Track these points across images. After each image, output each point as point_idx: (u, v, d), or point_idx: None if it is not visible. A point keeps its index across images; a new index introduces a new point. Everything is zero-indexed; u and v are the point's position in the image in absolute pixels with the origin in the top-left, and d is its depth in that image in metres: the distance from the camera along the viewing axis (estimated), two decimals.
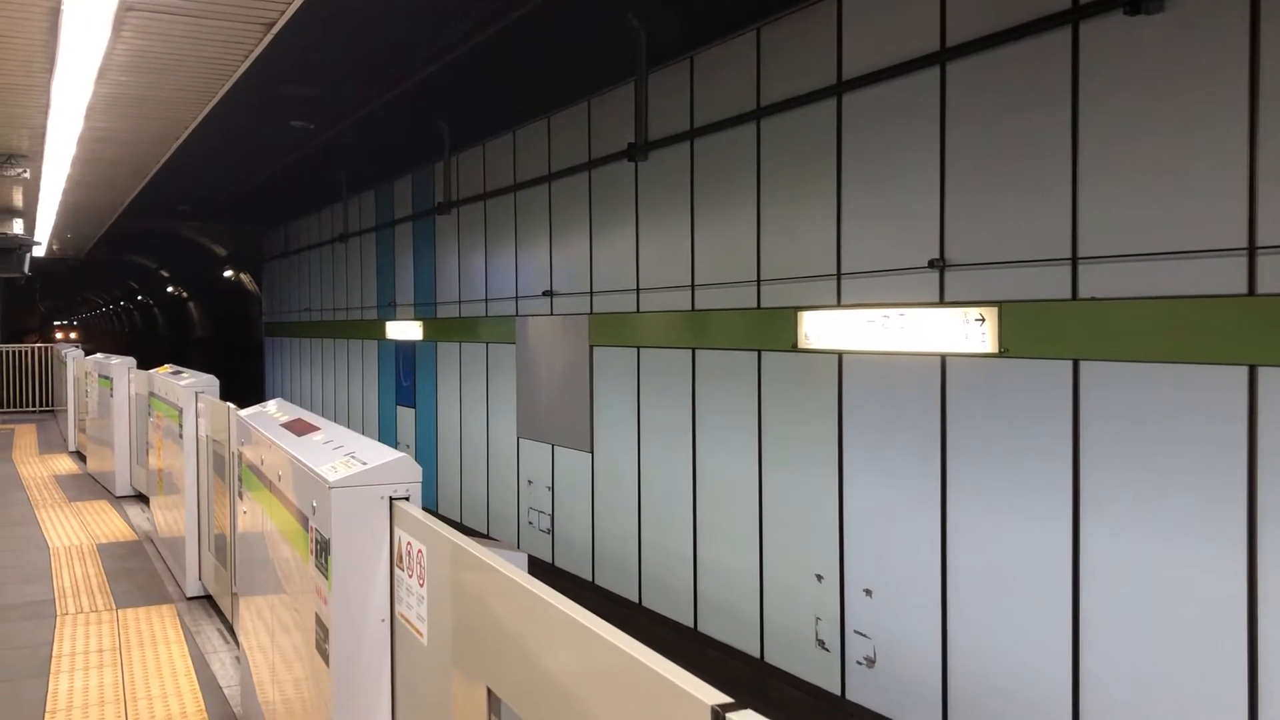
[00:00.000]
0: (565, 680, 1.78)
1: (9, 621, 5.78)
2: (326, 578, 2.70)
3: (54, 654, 5.19)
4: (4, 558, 7.30)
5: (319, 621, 2.79)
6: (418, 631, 2.50)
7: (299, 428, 3.52)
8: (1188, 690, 5.43)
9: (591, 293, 11.01)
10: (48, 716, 4.37)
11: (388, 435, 17.23)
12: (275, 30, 5.90)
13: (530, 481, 12.33)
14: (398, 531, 2.66)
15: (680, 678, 1.41)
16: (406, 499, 2.71)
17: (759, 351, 8.45)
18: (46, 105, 7.47)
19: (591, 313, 10.97)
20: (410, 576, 2.55)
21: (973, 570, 6.64)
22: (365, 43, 9.58)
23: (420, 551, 2.48)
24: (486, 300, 13.59)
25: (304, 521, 2.94)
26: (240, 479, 4.31)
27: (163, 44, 6.15)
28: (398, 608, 2.66)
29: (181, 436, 6.39)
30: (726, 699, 1.32)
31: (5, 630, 5.62)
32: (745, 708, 1.28)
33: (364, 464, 2.74)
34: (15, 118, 8.00)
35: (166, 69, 6.71)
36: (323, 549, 2.73)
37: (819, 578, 7.83)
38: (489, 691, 2.09)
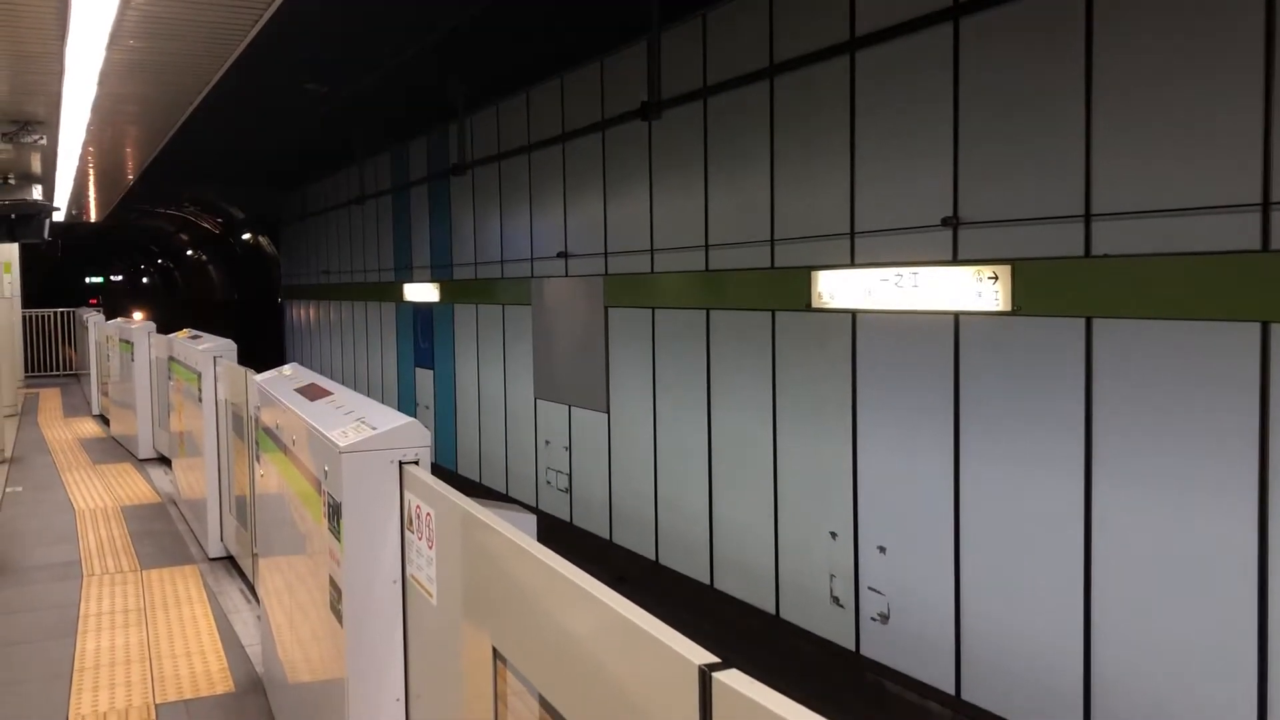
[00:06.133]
0: (564, 640, 1.83)
1: (38, 582, 5.92)
2: (339, 540, 2.76)
3: (81, 614, 5.31)
4: (32, 520, 7.45)
5: (332, 583, 2.85)
6: (428, 592, 2.56)
7: (312, 392, 3.57)
8: (1199, 643, 5.47)
9: (606, 254, 11.01)
10: (76, 674, 4.49)
11: (406, 397, 17.36)
12: None
13: (548, 442, 12.42)
14: (407, 495, 2.71)
15: (671, 638, 1.45)
16: (416, 463, 2.76)
17: (773, 311, 8.46)
18: (61, 72, 7.48)
19: (606, 274, 10.98)
20: (420, 539, 2.60)
21: (985, 527, 6.67)
22: (377, 3, 9.53)
23: (429, 515, 2.53)
24: (502, 262, 13.62)
25: (317, 485, 3.00)
26: (257, 442, 4.38)
27: (173, 8, 6.14)
28: (409, 569, 2.72)
29: (201, 400, 6.48)
30: (714, 658, 1.36)
31: (34, 591, 5.75)
32: (731, 667, 1.32)
33: (374, 429, 2.78)
34: (31, 85, 8.01)
35: (177, 34, 6.70)
36: (335, 513, 2.78)
37: (833, 535, 7.89)
38: (494, 649, 2.14)
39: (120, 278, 55.43)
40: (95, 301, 43.03)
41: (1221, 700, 5.38)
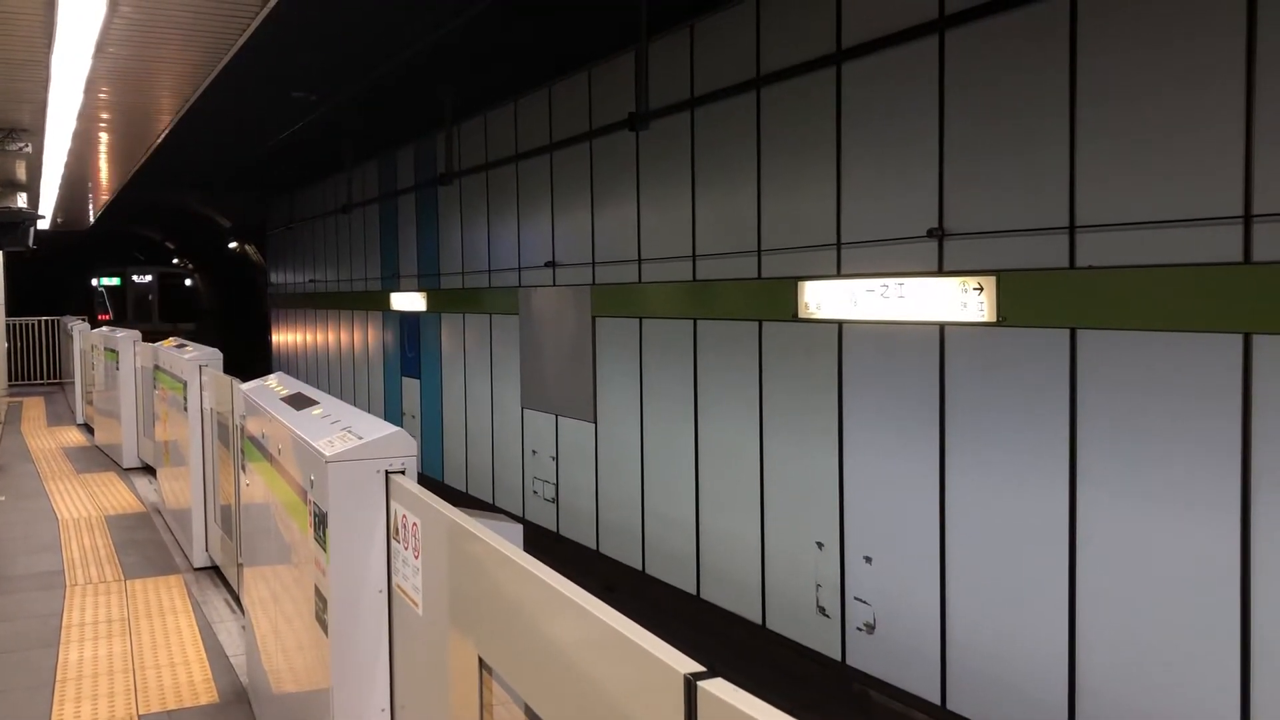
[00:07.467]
0: (550, 649, 1.83)
1: (20, 592, 5.88)
2: (324, 550, 2.75)
3: (64, 624, 5.28)
4: (14, 529, 7.40)
5: (318, 592, 2.85)
6: (413, 602, 2.56)
7: (299, 402, 3.57)
8: (1182, 654, 5.50)
9: (594, 263, 11.02)
10: (58, 685, 4.47)
11: (393, 406, 17.31)
12: (273, 1, 5.88)
13: (535, 451, 12.40)
14: (393, 505, 2.71)
15: (657, 647, 1.46)
16: (402, 472, 2.76)
17: (760, 321, 8.48)
18: (47, 80, 7.47)
19: (594, 284, 10.99)
20: (406, 549, 2.60)
21: (971, 537, 6.70)
22: (364, 12, 9.54)
23: (415, 525, 2.53)
24: (489, 271, 13.61)
25: (303, 495, 2.99)
26: (243, 451, 4.37)
27: (160, 16, 6.14)
28: (394, 579, 2.71)
29: (186, 409, 6.46)
30: (699, 667, 1.37)
31: (16, 601, 5.72)
32: (716, 676, 1.33)
33: (360, 438, 2.78)
34: (16, 92, 7.99)
35: (164, 42, 6.70)
36: (320, 522, 2.78)
37: (819, 545, 7.90)
38: (480, 659, 2.14)
39: (148, 279, 34.74)
40: (107, 317, 29.11)
41: (1205, 709, 5.40)
